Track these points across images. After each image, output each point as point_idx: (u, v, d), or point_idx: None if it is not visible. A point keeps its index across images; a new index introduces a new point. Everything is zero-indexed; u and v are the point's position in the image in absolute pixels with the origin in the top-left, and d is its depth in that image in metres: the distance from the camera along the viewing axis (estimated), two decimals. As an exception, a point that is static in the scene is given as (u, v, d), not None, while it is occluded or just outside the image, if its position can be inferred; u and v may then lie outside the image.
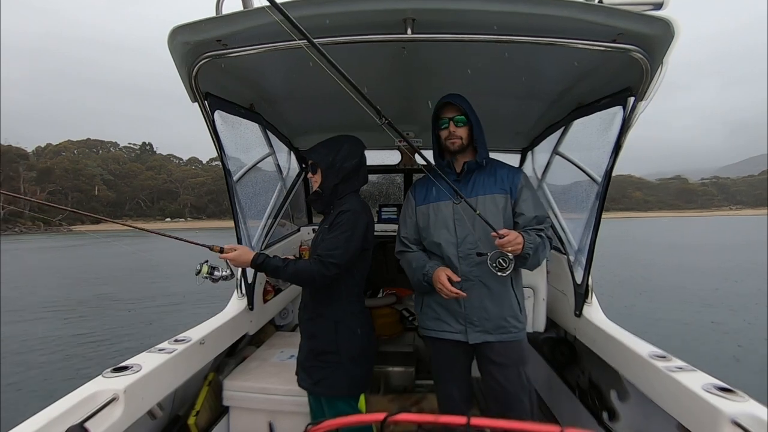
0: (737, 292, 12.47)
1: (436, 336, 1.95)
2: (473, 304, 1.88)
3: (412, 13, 1.54)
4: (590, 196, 2.38)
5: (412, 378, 3.00)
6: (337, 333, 1.83)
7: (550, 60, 2.00)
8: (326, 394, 1.85)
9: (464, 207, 1.87)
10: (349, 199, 1.88)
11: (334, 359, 1.82)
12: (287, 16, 0.73)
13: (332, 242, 1.75)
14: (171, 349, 1.89)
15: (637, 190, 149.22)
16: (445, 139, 1.95)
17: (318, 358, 1.85)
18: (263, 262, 1.75)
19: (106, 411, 1.45)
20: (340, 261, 1.73)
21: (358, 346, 1.87)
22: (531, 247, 1.77)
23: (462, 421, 0.81)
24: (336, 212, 1.83)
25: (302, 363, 1.92)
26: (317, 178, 1.91)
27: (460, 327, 1.89)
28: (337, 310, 1.85)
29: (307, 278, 1.75)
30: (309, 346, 1.89)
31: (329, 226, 1.82)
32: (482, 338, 1.88)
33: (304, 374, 1.90)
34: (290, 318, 3.64)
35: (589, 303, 2.47)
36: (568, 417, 2.59)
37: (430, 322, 1.97)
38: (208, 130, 2.08)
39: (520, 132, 3.21)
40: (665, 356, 1.79)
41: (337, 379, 1.82)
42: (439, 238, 1.93)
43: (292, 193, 3.43)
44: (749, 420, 1.29)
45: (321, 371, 1.84)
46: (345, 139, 1.95)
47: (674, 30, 1.47)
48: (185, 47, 1.68)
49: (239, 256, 1.77)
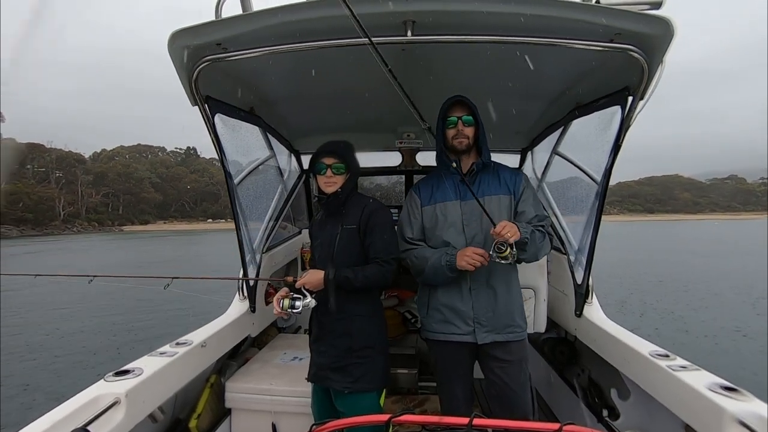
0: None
1: (444, 339, 1.94)
2: (481, 304, 1.90)
3: (412, 15, 1.55)
4: (590, 195, 2.39)
5: (415, 380, 3.01)
6: (372, 327, 1.90)
7: (548, 60, 2.01)
8: (367, 389, 1.85)
9: (471, 207, 1.89)
10: (363, 199, 1.95)
11: (372, 353, 1.87)
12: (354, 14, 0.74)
13: (385, 242, 1.86)
14: (172, 352, 1.89)
15: (686, 191, 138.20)
16: (452, 138, 1.93)
17: (356, 354, 1.85)
18: (335, 276, 1.79)
19: (108, 415, 1.46)
20: (396, 256, 1.91)
21: (386, 337, 1.97)
22: (526, 233, 1.76)
23: (464, 422, 0.82)
24: (360, 212, 1.88)
25: (332, 365, 1.86)
26: (338, 179, 1.89)
27: (468, 328, 1.90)
28: (370, 305, 1.93)
29: (380, 280, 1.83)
30: (344, 344, 1.86)
31: (359, 226, 1.87)
32: (491, 338, 1.89)
33: (337, 375, 1.85)
34: (293, 320, 3.64)
35: (589, 303, 2.48)
36: (568, 415, 2.59)
37: (437, 325, 1.96)
38: (209, 134, 2.09)
39: (520, 132, 3.22)
40: (668, 355, 1.80)
41: (376, 372, 1.87)
42: (449, 238, 1.92)
43: (293, 195, 3.43)
44: (755, 419, 1.30)
45: (361, 367, 1.84)
46: (349, 142, 1.98)
47: (673, 29, 1.48)
48: (185, 51, 1.68)
49: (311, 278, 1.82)
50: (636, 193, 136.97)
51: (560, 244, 2.86)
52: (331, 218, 1.96)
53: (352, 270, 1.80)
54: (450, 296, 1.92)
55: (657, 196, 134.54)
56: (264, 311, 2.82)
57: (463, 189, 1.95)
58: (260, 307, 2.73)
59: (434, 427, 0.90)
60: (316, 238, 2.05)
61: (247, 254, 2.50)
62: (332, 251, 1.88)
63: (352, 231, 1.87)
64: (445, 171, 2.01)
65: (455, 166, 1.94)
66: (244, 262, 2.49)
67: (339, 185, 1.88)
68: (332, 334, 1.90)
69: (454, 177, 1.98)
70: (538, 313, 2.72)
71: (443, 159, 2.01)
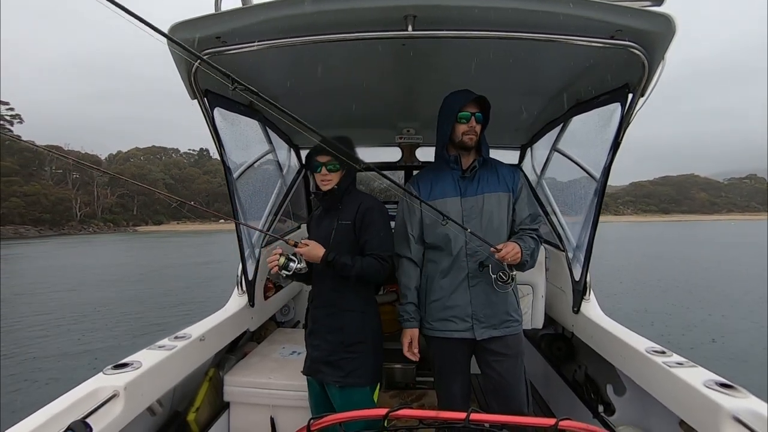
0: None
1: (443, 336, 1.95)
2: (479, 300, 1.91)
3: (413, 9, 1.54)
4: (589, 193, 2.39)
5: (413, 375, 3.02)
6: (364, 322, 1.92)
7: (549, 56, 2.01)
8: (358, 383, 1.87)
9: (471, 204, 1.91)
10: (360, 195, 1.96)
11: (364, 348, 1.89)
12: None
13: (380, 239, 1.87)
14: (171, 345, 1.91)
15: (702, 191, 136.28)
16: (462, 134, 1.91)
17: (348, 350, 1.87)
18: (333, 259, 1.79)
19: (107, 407, 1.47)
20: (393, 253, 1.94)
21: (379, 334, 1.99)
22: (528, 254, 1.84)
23: (462, 417, 0.83)
24: (356, 209, 1.89)
25: (325, 358, 1.90)
26: (333, 177, 1.90)
27: (467, 324, 1.91)
28: (363, 301, 1.94)
29: (374, 273, 1.83)
30: (336, 339, 1.89)
31: (353, 223, 1.88)
32: (489, 333, 1.91)
33: (330, 369, 1.88)
34: (291, 314, 3.66)
35: (587, 299, 2.48)
36: (565, 411, 2.61)
37: (436, 323, 1.96)
38: (208, 128, 2.08)
39: (520, 128, 3.21)
40: (664, 351, 1.80)
41: (368, 367, 1.89)
42: (448, 233, 1.91)
43: (292, 190, 3.43)
44: (750, 416, 1.30)
45: (353, 362, 1.86)
46: (347, 137, 1.97)
47: (675, 26, 1.47)
48: (184, 44, 1.69)
49: (311, 250, 1.81)
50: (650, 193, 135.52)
51: (558, 241, 2.86)
52: (327, 213, 1.98)
53: (351, 258, 1.82)
54: (448, 292, 1.93)
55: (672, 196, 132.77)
56: (263, 305, 2.84)
57: (464, 185, 1.95)
58: (259, 301, 2.74)
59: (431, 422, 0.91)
60: (312, 232, 2.06)
61: (246, 249, 2.51)
62: (328, 245, 1.89)
63: (347, 227, 1.89)
64: (445, 166, 2.00)
65: (456, 162, 1.95)
66: (243, 256, 2.52)
67: (335, 182, 1.90)
68: (325, 328, 1.93)
69: (454, 173, 1.97)
70: (536, 309, 2.73)
71: (444, 154, 1.99)
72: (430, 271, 2.00)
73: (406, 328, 1.98)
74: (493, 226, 1.91)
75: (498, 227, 1.92)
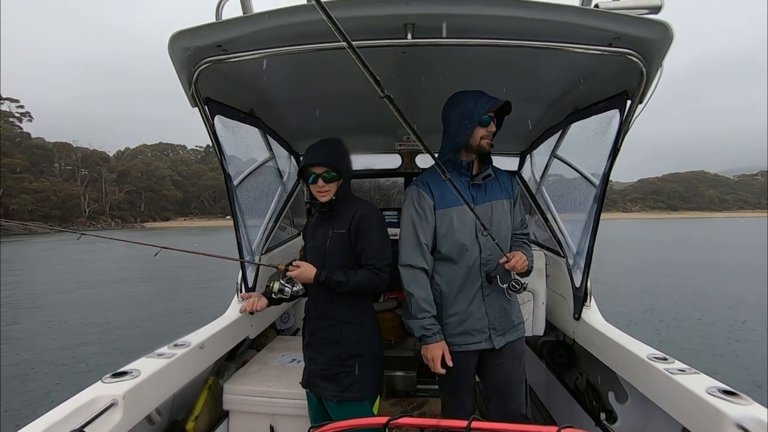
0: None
1: (460, 350, 1.88)
2: (494, 310, 1.89)
3: (413, 18, 1.55)
4: (588, 199, 2.39)
5: (414, 382, 3.01)
6: (362, 335, 1.85)
7: (547, 64, 2.01)
8: (356, 398, 1.81)
9: (481, 212, 1.86)
10: (355, 203, 1.89)
11: (362, 362, 1.83)
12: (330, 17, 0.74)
13: (377, 248, 1.81)
14: (170, 354, 1.89)
15: (712, 188, 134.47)
16: (481, 138, 1.84)
17: (344, 364, 1.82)
18: (326, 278, 1.76)
19: (105, 416, 1.46)
20: (390, 262, 1.84)
21: (378, 345, 1.92)
22: (530, 260, 1.89)
23: (463, 425, 0.82)
24: (351, 217, 1.83)
25: (322, 372, 1.85)
26: (330, 187, 1.83)
27: (485, 335, 1.88)
28: (360, 314, 1.88)
29: (370, 286, 1.79)
30: (333, 353, 1.83)
31: (349, 231, 1.82)
32: (504, 341, 1.90)
33: (326, 383, 1.83)
34: (291, 322, 3.64)
35: (588, 306, 2.47)
36: (566, 418, 2.59)
37: (454, 338, 1.88)
38: (209, 135, 2.09)
39: (519, 135, 3.21)
40: (666, 358, 1.80)
41: (366, 381, 1.83)
42: (465, 242, 1.86)
43: (292, 197, 3.43)
44: (754, 423, 1.29)
45: (350, 376, 1.81)
46: (339, 139, 1.91)
47: (672, 33, 1.48)
48: (186, 53, 1.69)
49: (303, 272, 1.79)
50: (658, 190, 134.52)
51: (559, 247, 2.85)
52: (324, 221, 1.93)
53: (345, 274, 1.77)
54: (466, 305, 1.88)
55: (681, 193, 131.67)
56: (262, 313, 2.83)
57: (474, 192, 1.90)
58: None
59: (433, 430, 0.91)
60: (308, 240, 2.02)
61: (246, 256, 2.51)
62: (323, 255, 1.86)
63: (342, 235, 1.83)
64: (455, 172, 1.89)
65: (469, 168, 1.89)
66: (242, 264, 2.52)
67: (333, 193, 1.83)
68: (322, 341, 1.88)
69: (464, 179, 1.89)
70: (537, 316, 2.72)
71: (456, 158, 1.89)
72: (442, 284, 1.90)
73: (431, 343, 1.81)
74: (502, 234, 1.88)
75: (506, 235, 1.92)
